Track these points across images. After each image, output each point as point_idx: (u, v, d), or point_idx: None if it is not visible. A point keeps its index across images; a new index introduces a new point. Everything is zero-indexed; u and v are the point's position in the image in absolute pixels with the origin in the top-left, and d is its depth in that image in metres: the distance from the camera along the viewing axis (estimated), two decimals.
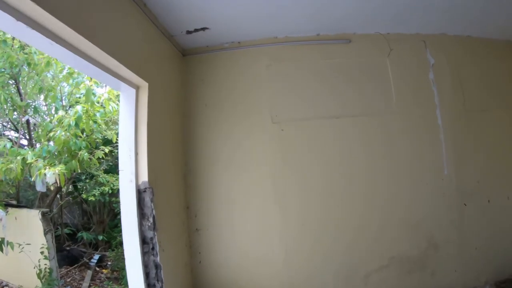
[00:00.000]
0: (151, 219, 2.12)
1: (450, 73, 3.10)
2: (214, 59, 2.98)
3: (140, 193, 2.12)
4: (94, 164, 3.59)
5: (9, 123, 4.42)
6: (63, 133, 2.92)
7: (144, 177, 2.12)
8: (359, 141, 2.89)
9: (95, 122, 3.23)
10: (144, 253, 2.10)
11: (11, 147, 3.06)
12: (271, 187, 2.81)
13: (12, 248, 2.87)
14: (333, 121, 2.88)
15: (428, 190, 2.89)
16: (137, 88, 2.18)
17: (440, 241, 2.90)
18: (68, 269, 3.81)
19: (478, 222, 3.02)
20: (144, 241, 2.11)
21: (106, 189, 3.99)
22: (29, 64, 3.14)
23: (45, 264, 3.09)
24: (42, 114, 4.20)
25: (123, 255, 2.15)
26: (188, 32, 2.71)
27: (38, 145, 3.62)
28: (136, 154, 2.13)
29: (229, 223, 2.80)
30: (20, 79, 3.53)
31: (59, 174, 2.82)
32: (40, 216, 3.28)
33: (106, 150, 3.57)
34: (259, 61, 2.94)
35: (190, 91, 2.95)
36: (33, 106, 3.85)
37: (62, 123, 2.97)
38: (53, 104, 3.68)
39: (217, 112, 2.90)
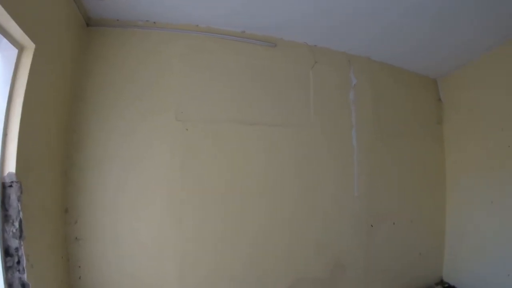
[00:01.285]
0: (16, 224, 1.92)
1: (370, 96, 3.73)
2: (122, 36, 2.90)
3: (4, 188, 1.90)
4: None
5: None
6: None
7: (11, 167, 1.92)
8: (271, 153, 3.14)
9: None
10: (7, 269, 1.88)
11: None
12: (167, 196, 2.80)
13: None
14: (246, 128, 3.09)
15: (338, 210, 3.35)
16: (20, 48, 1.99)
17: (348, 262, 3.39)
18: None
19: (384, 243, 3.64)
20: (7, 252, 1.89)
21: None
22: None
23: None
24: None
25: None
26: None
27: None
28: (5, 134, 1.93)
29: (114, 234, 2.68)
30: None
31: None
32: None
33: None
34: (174, 48, 2.98)
35: (87, 69, 2.77)
36: None
37: None
38: None
39: (115, 98, 2.78)
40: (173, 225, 2.81)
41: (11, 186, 1.93)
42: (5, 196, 1.91)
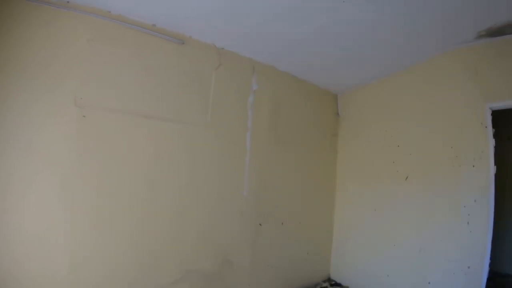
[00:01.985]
0: None
1: (269, 103, 4.26)
2: (32, 11, 2.91)
3: None
4: None
5: None
6: None
7: None
8: (163, 147, 3.42)
9: None
10: None
11: None
12: (59, 184, 2.87)
13: None
14: (145, 121, 3.31)
15: (227, 208, 3.78)
16: None
17: (235, 257, 3.84)
18: None
19: (271, 242, 4.21)
20: None
21: None
22: None
23: None
24: None
25: None
26: None
27: None
28: None
29: (3, 223, 2.68)
30: None
31: None
32: None
33: None
34: (83, 31, 3.06)
35: None
36: None
37: None
38: None
39: (9, 72, 2.79)
40: (65, 217, 2.91)
41: None
42: None
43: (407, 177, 4.18)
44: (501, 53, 3.57)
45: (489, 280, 5.32)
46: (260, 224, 4.06)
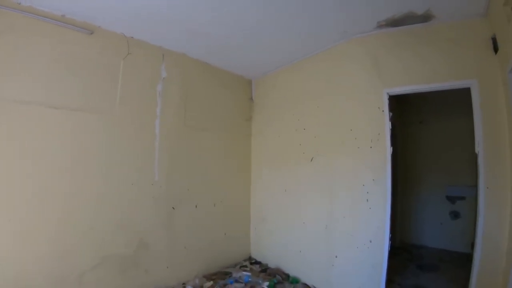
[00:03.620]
0: None
1: (179, 90, 4.60)
2: None
3: None
4: None
5: None
6: None
7: None
8: (74, 137, 3.51)
9: None
10: None
11: None
12: None
13: None
14: (53, 112, 3.44)
15: (139, 193, 4.08)
16: None
17: (151, 240, 4.17)
18: None
19: (186, 224, 4.59)
20: None
21: None
22: None
23: None
24: None
25: None
26: None
27: None
28: None
29: None
30: None
31: None
32: None
33: None
34: None
35: None
36: None
37: None
38: None
39: None
40: None
41: None
42: None
43: (312, 158, 4.66)
44: (399, 42, 3.96)
45: (406, 251, 5.90)
46: (173, 208, 4.44)
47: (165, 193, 4.35)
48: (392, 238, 3.89)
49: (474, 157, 3.57)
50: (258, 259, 5.48)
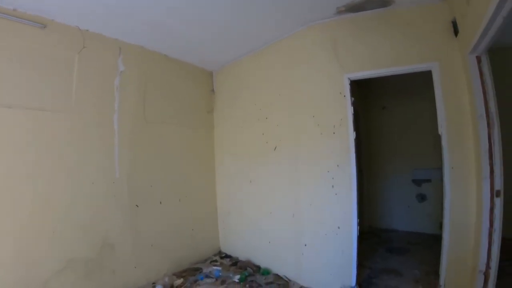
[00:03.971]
0: None
1: (137, 84, 4.49)
2: None
3: None
4: None
5: None
6: None
7: None
8: (30, 137, 3.37)
9: None
10: None
11: None
12: None
13: None
14: (3, 111, 3.25)
15: (99, 192, 3.96)
16: None
17: (116, 241, 4.06)
18: None
19: (151, 222, 4.51)
20: None
21: None
22: None
23: None
24: None
25: None
26: None
27: None
28: None
29: None
30: None
31: None
32: None
33: None
34: None
35: None
36: None
37: None
38: None
39: None
40: None
41: None
42: None
43: (276, 147, 4.70)
44: (359, 28, 4.02)
45: (374, 236, 6.01)
46: (137, 206, 4.36)
47: (128, 190, 4.26)
48: (361, 223, 3.99)
49: (438, 139, 3.67)
50: (228, 253, 5.50)
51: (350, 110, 3.99)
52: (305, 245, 4.17)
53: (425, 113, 6.40)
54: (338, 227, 3.92)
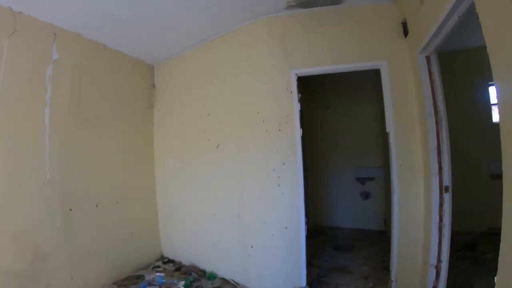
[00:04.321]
0: None
1: (72, 75, 4.08)
2: None
3: None
4: None
5: None
6: None
7: None
8: None
9: None
10: None
11: None
12: None
13: None
14: None
15: (28, 195, 3.52)
16: None
17: (49, 249, 3.62)
18: None
19: (87, 227, 4.13)
20: None
21: None
22: None
23: None
24: None
25: None
26: None
27: None
28: None
29: None
30: None
31: None
32: None
33: None
34: None
35: None
36: None
37: None
38: None
39: None
40: None
41: None
42: None
43: (218, 145, 4.60)
44: (308, 24, 4.02)
45: (321, 234, 6.12)
46: (70, 209, 3.96)
47: (60, 193, 3.85)
48: (307, 222, 4.06)
49: (380, 139, 3.79)
50: (171, 257, 5.25)
51: (297, 107, 4.01)
52: (252, 247, 4.10)
53: (368, 113, 6.73)
54: (286, 227, 3.89)
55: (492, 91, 5.64)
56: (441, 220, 3.16)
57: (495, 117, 5.67)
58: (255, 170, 4.17)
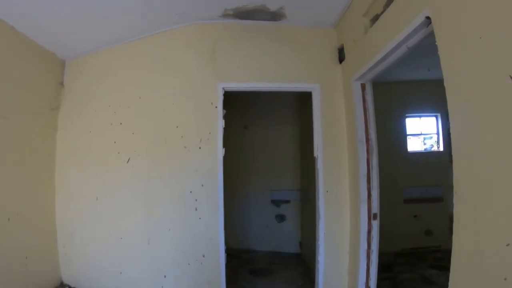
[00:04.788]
0: None
1: None
2: None
3: None
4: None
5: None
6: None
7: None
8: None
9: None
10: None
11: None
12: None
13: None
14: None
15: None
16: None
17: None
18: None
19: None
20: None
21: None
22: None
23: None
24: None
25: None
26: None
27: None
28: None
29: None
30: None
31: None
32: None
33: None
34: None
35: None
36: None
37: None
38: None
39: None
40: None
41: None
42: None
43: (129, 159, 4.06)
44: (244, 36, 3.87)
45: (235, 257, 6.06)
46: None
47: None
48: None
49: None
50: (72, 285, 4.50)
51: (221, 124, 3.81)
52: (165, 277, 3.75)
53: (286, 136, 6.77)
54: (203, 256, 3.65)
55: (408, 123, 6.60)
56: (369, 247, 3.22)
57: (410, 146, 6.61)
58: (169, 191, 3.81)
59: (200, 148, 3.71)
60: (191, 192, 3.70)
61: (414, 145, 6.87)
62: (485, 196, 1.59)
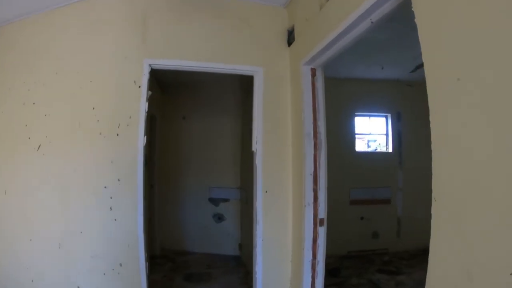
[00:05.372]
0: None
1: None
2: None
3: None
4: None
5: None
6: None
7: None
8: None
9: None
10: None
11: None
12: None
13: None
14: None
15: None
16: None
17: None
18: None
19: None
20: None
21: None
22: None
23: None
24: None
25: None
26: None
27: None
28: None
29: None
30: None
31: None
32: None
33: None
34: None
35: None
36: None
37: None
38: None
39: None
40: None
41: None
42: None
43: (40, 146, 3.42)
44: (182, 10, 3.45)
45: (169, 260, 5.67)
46: None
47: None
48: (152, 246, 3.67)
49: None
50: None
51: (144, 107, 3.26)
52: (79, 287, 3.23)
53: (227, 129, 6.50)
54: (120, 264, 3.19)
55: (358, 122, 6.47)
56: (314, 257, 2.95)
57: (358, 146, 6.50)
58: (82, 187, 3.26)
59: (117, 135, 3.19)
60: (105, 187, 3.17)
61: (359, 146, 6.72)
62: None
